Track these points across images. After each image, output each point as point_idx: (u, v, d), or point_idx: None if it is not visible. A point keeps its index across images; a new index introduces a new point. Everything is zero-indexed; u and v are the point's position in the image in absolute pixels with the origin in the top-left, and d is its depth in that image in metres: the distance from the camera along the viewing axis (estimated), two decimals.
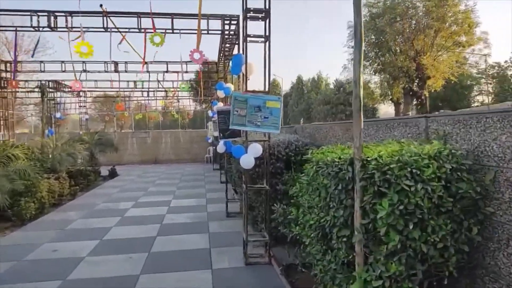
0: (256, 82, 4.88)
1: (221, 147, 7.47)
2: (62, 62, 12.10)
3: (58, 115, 15.95)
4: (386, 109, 33.54)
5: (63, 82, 15.71)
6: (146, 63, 12.45)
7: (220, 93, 7.54)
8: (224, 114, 7.09)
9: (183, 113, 30.53)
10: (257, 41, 5.06)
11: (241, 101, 4.80)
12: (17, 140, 14.12)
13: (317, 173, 3.03)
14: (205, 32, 7.73)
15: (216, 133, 7.14)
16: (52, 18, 7.16)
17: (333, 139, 5.04)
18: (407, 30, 18.33)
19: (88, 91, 17.61)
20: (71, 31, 7.13)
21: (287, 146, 5.41)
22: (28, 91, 16.49)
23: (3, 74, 11.78)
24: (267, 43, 4.94)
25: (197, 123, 31.49)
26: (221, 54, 8.98)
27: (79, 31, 7.07)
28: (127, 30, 7.37)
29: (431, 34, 17.43)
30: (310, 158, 3.36)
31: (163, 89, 16.80)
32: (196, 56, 6.60)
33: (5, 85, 11.71)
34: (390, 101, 22.87)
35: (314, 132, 5.86)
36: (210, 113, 15.24)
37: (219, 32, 7.89)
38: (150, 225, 6.98)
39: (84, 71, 12.13)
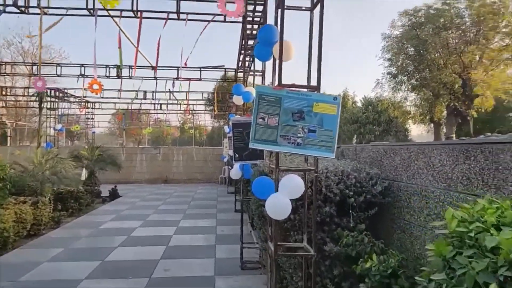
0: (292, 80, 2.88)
1: (235, 173, 5.50)
2: (58, 65, 10.49)
3: (58, 127, 14.39)
4: (418, 131, 30.92)
5: (65, 91, 14.18)
6: (153, 67, 10.76)
7: (238, 100, 5.60)
8: (241, 128, 5.12)
9: (200, 129, 28.85)
10: (300, 8, 3.13)
11: (271, 102, 2.83)
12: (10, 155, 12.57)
13: None
14: (221, 19, 5.87)
15: (232, 152, 5.23)
16: None
17: (427, 172, 2.96)
18: (454, 41, 16.13)
19: (91, 102, 16.04)
20: (45, 14, 5.38)
21: (341, 180, 3.37)
22: (29, 100, 15.05)
23: None
24: (317, 7, 3.01)
25: (214, 140, 29.68)
26: (242, 52, 7.11)
27: (56, 14, 5.31)
28: (118, 13, 5.55)
29: (484, 45, 15.16)
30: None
31: (175, 100, 15.04)
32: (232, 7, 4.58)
33: None
34: (429, 122, 20.43)
35: (380, 157, 3.79)
36: (226, 128, 13.38)
37: (240, 18, 5.97)
38: (133, 279, 4.98)
39: (82, 75, 10.43)
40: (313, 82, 2.99)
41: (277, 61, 2.95)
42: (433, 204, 2.89)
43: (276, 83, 2.88)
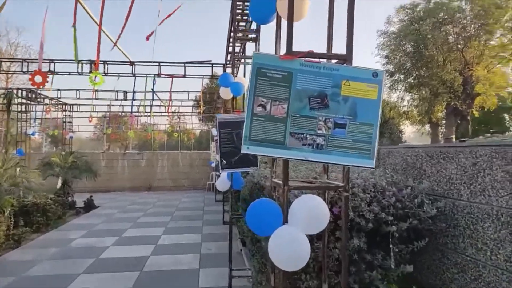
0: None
1: (222, 183, 4.45)
2: (24, 60, 9.30)
3: (30, 131, 13.12)
4: (407, 133, 30.13)
5: (39, 92, 12.91)
6: (133, 63, 9.65)
7: (225, 93, 4.54)
8: (229, 128, 4.07)
9: (187, 133, 27.57)
10: None
11: (276, 80, 1.78)
12: None
13: None
14: None
15: (219, 157, 4.19)
16: None
17: None
18: (454, 37, 15.37)
19: (69, 104, 14.80)
20: None
21: (374, 198, 2.34)
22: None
23: None
24: None
25: (203, 145, 28.44)
26: (231, 40, 6.06)
27: None
28: None
29: (486, 41, 14.42)
30: None
31: (159, 101, 13.89)
32: None
33: None
34: (427, 122, 19.61)
35: (420, 164, 2.77)
36: (213, 131, 12.30)
37: None
38: None
39: (52, 72, 9.21)
40: (337, 50, 1.96)
41: (285, 20, 1.91)
42: None
43: (284, 51, 1.84)
